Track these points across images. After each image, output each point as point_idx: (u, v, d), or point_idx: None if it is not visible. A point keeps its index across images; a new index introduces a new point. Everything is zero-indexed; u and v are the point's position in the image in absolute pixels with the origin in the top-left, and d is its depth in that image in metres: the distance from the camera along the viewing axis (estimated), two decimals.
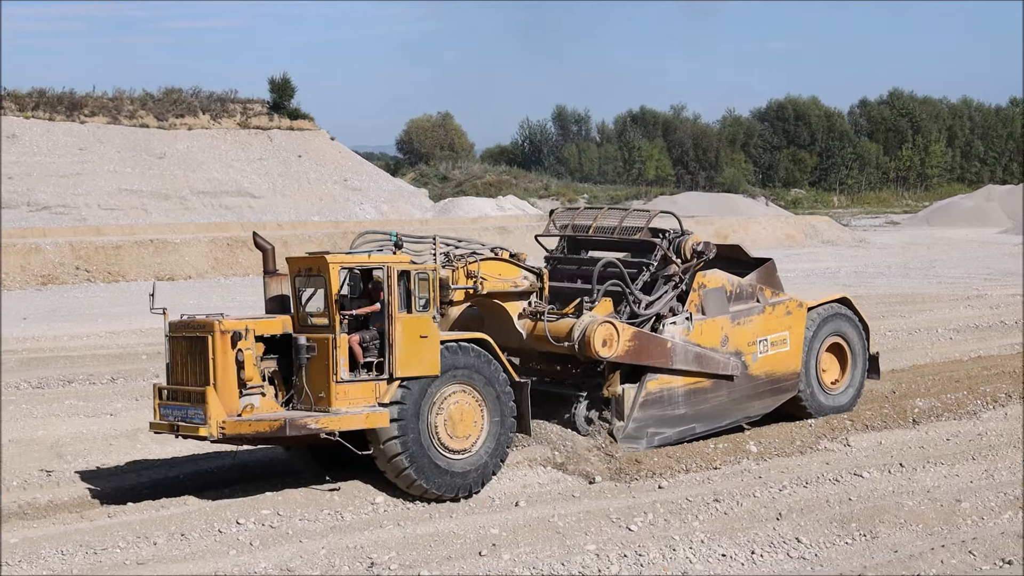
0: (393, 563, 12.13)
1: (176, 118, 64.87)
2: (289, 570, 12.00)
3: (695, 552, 12.45)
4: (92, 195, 57.57)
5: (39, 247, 44.07)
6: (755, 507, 13.85)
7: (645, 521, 13.44)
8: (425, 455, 13.78)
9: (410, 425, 13.68)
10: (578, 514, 13.64)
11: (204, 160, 63.12)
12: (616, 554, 12.32)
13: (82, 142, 60.38)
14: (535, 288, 15.70)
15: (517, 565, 12.06)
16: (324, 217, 61.71)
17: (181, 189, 60.82)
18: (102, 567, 12.05)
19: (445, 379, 13.96)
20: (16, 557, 12.09)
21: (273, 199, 63.22)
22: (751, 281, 17.20)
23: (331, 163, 67.93)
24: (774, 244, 60.49)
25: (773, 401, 17.24)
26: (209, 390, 13.21)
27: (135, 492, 14.71)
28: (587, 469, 15.22)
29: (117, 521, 13.11)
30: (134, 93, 66.04)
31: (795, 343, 17.32)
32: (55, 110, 61.45)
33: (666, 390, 16.15)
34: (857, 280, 41.34)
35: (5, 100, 60.79)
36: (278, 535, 13.01)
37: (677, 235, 16.45)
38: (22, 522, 13.27)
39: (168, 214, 58.66)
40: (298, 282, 14.07)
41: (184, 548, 12.58)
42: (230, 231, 51.81)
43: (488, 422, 14.30)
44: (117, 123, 62.87)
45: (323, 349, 13.56)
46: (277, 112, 68.63)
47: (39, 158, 58.07)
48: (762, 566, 12.27)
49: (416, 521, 13.54)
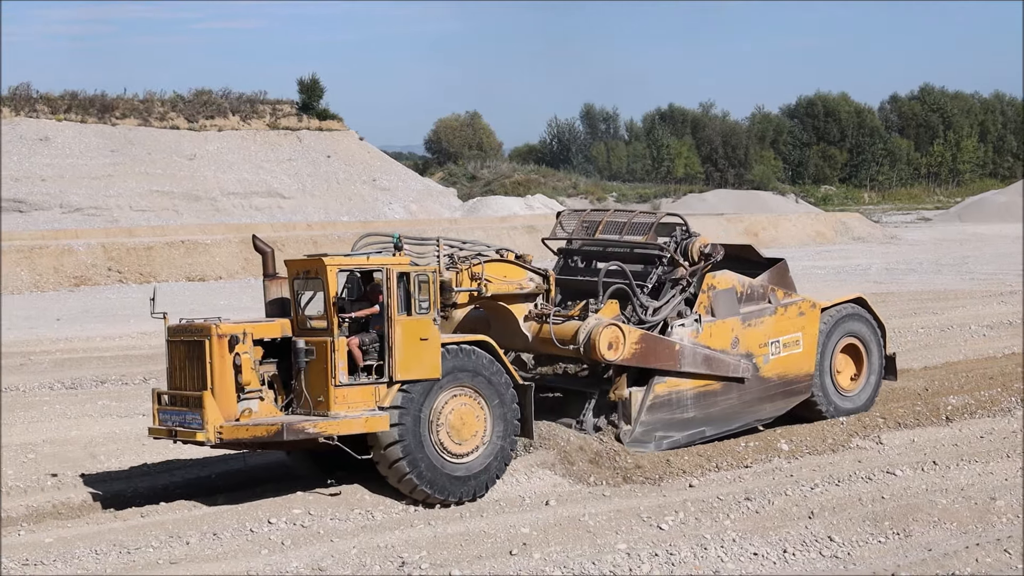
0: (424, 562, 12.15)
1: (206, 120, 65.22)
2: (320, 569, 12.04)
3: (726, 551, 12.40)
4: (124, 197, 57.96)
5: (72, 248, 44.42)
6: (787, 505, 13.78)
7: (676, 520, 13.40)
8: (426, 459, 13.60)
9: (411, 429, 13.50)
10: (609, 513, 13.62)
11: (234, 161, 63.43)
12: (647, 553, 12.29)
13: (114, 144, 60.81)
14: (541, 290, 15.54)
15: (548, 564, 12.05)
16: (353, 217, 61.89)
17: (211, 190, 61.15)
18: (135, 566, 12.13)
19: (447, 382, 13.78)
20: (51, 556, 12.19)
21: (302, 199, 63.45)
22: (762, 282, 16.91)
23: (360, 163, 68.12)
24: (804, 241, 60.21)
25: (786, 403, 16.96)
26: (206, 395, 13.05)
27: (168, 492, 14.81)
28: (594, 474, 14.96)
29: (150, 521, 13.20)
30: (165, 95, 66.48)
31: (808, 344, 17.02)
32: (87, 112, 61.90)
33: (674, 393, 15.92)
34: (889, 277, 41.08)
35: (38, 103, 61.27)
36: (309, 534, 13.05)
37: (684, 237, 16.26)
38: (56, 521, 13.38)
39: (199, 215, 58.99)
40: (296, 285, 13.90)
41: (216, 547, 12.65)
42: (260, 232, 52.01)
43: (491, 425, 14.10)
44: (148, 125, 63.28)
45: (321, 352, 13.41)
46: (306, 113, 68.86)
47: (71, 160, 58.53)
48: (794, 565, 12.21)
49: (446, 520, 13.55)
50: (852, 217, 67.97)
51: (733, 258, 17.28)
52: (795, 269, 46.14)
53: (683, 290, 16.18)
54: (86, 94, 63.49)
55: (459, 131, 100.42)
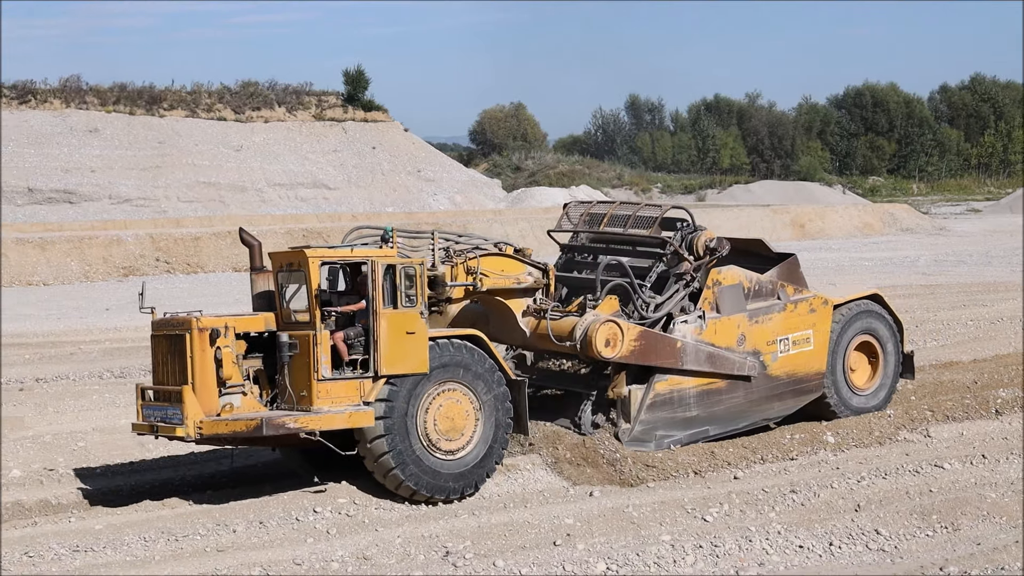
0: (468, 552, 12.18)
1: (253, 111, 65.68)
2: (365, 558, 12.10)
3: (772, 543, 12.34)
4: (171, 187, 58.52)
5: (120, 239, 44.91)
6: (833, 498, 13.69)
7: (721, 512, 13.34)
8: (413, 455, 13.31)
9: (397, 424, 13.21)
10: (653, 504, 13.58)
11: (280, 152, 63.83)
12: (691, 545, 12.25)
13: (161, 135, 61.39)
14: (540, 285, 15.20)
15: (591, 555, 12.04)
16: (398, 208, 62.11)
17: (257, 181, 61.59)
18: (183, 553, 12.26)
19: (435, 377, 13.46)
20: (101, 543, 12.36)
21: (348, 190, 63.75)
22: (771, 277, 16.39)
23: (405, 154, 68.31)
24: (851, 232, 59.69)
25: (796, 402, 16.45)
26: (186, 389, 12.82)
27: (215, 480, 14.94)
28: (585, 474, 14.64)
29: (197, 508, 13.33)
30: (212, 87, 67.01)
31: (820, 342, 16.52)
32: (135, 104, 62.54)
33: (676, 391, 15.47)
34: (937, 269, 40.63)
35: (88, 95, 61.95)
36: (354, 524, 13.13)
37: (689, 231, 15.78)
38: (106, 508, 13.54)
39: (245, 206, 59.44)
40: (280, 278, 13.61)
41: (263, 535, 12.76)
42: (306, 222, 52.34)
43: (482, 422, 13.78)
44: (195, 116, 63.82)
45: (304, 346, 13.14)
46: (351, 104, 69.14)
47: (120, 152, 59.16)
48: (840, 558, 12.12)
49: (491, 510, 13.57)
50: (900, 208, 67.28)
51: (743, 253, 16.85)
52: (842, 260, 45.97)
53: (687, 285, 15.73)
54: (134, 86, 64.22)
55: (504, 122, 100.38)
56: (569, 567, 11.77)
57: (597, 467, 14.74)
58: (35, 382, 21.63)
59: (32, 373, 22.44)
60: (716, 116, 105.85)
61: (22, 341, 26.40)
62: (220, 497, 13.72)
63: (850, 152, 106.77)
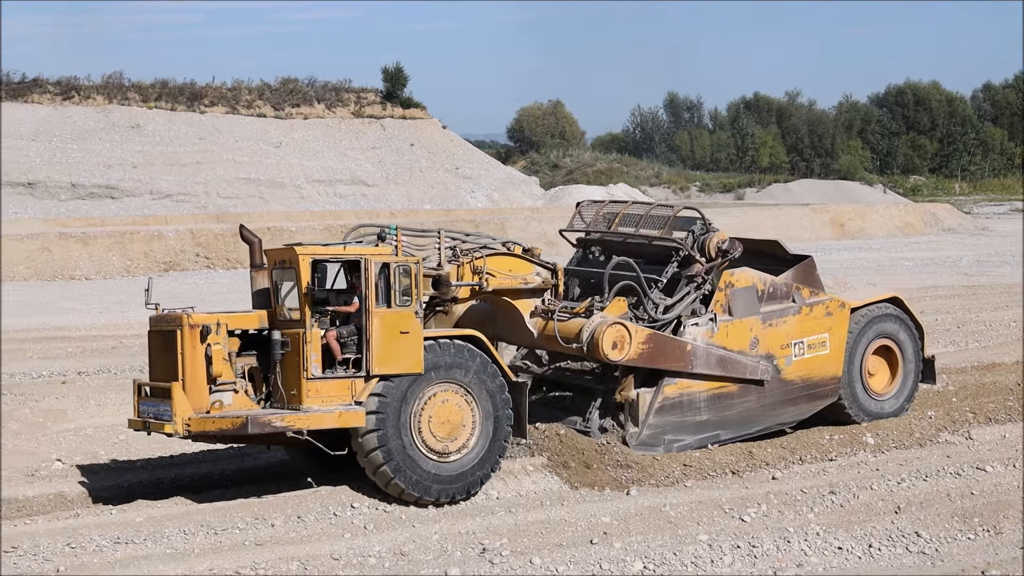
0: (504, 549, 12.19)
1: (292, 108, 65.99)
2: (402, 554, 12.14)
3: (810, 544, 12.27)
4: (212, 183, 58.91)
5: (161, 234, 45.27)
6: (872, 500, 13.58)
7: (759, 512, 13.28)
8: (407, 457, 13.14)
9: (390, 425, 13.04)
10: (690, 504, 13.54)
11: (319, 149, 64.11)
12: (729, 545, 12.21)
13: (202, 132, 61.81)
14: (548, 285, 15.01)
15: (628, 554, 12.02)
16: (436, 205, 62.22)
17: (296, 177, 61.88)
18: (222, 546, 12.35)
19: (430, 377, 13.26)
20: (141, 535, 12.47)
21: (386, 187, 63.93)
22: (786, 280, 16.15)
23: (443, 151, 68.41)
24: (892, 232, 59.18)
25: (810, 407, 16.23)
26: (175, 386, 12.78)
27: (253, 475, 15.04)
28: (591, 478, 14.40)
29: (237, 503, 13.40)
30: (252, 84, 67.37)
31: (836, 346, 16.26)
32: (176, 100, 62.98)
33: (686, 395, 15.30)
34: (979, 269, 40.22)
35: (130, 91, 62.48)
36: (392, 519, 13.17)
37: (702, 232, 15.56)
38: (146, 502, 13.66)
39: (284, 202, 59.75)
40: (275, 275, 13.54)
41: (301, 530, 12.83)
42: (344, 219, 52.53)
43: (480, 424, 13.56)
44: (235, 113, 64.20)
45: (295, 344, 13.06)
46: (390, 101, 69.30)
47: (161, 147, 59.62)
48: (880, 560, 12.04)
49: (527, 508, 13.58)
50: (942, 208, 66.61)
51: (758, 254, 16.64)
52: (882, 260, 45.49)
53: (698, 287, 15.53)
54: (176, 82, 64.62)
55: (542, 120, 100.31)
56: (606, 566, 11.76)
57: (602, 471, 14.52)
58: (77, 375, 21.85)
59: (74, 366, 22.68)
60: (755, 114, 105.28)
61: (65, 335, 26.69)
62: (259, 491, 13.80)
63: (891, 151, 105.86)
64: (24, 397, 19.69)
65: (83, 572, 11.61)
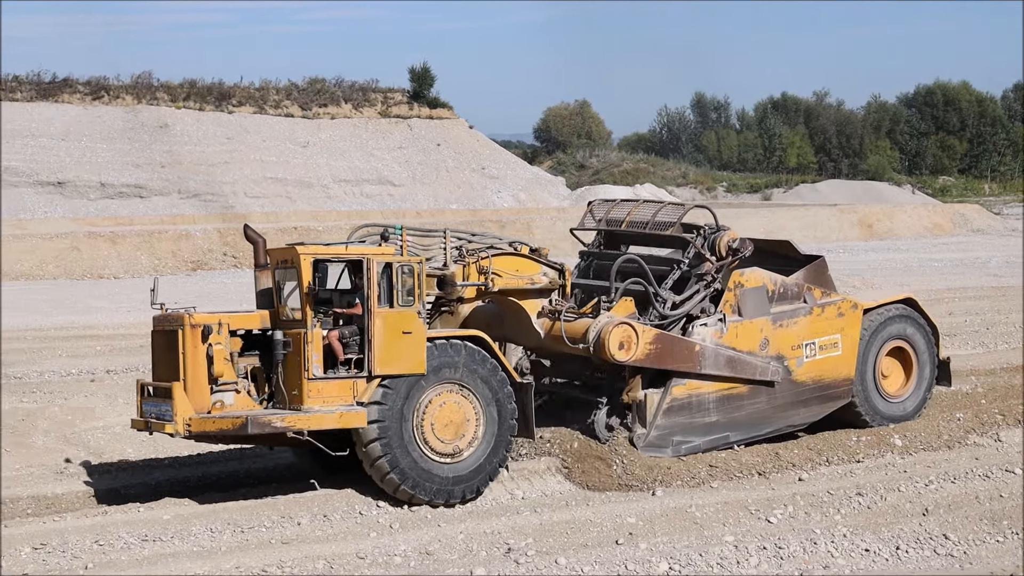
0: (530, 549, 12.19)
1: (320, 108, 66.18)
2: (428, 553, 12.15)
3: (837, 546, 12.20)
4: (239, 183, 59.16)
5: (189, 233, 45.53)
6: (900, 502, 13.50)
7: (785, 514, 13.22)
8: (410, 458, 13.04)
9: (393, 426, 12.96)
10: (716, 505, 13.50)
11: (346, 149, 64.28)
12: (755, 546, 12.16)
13: (230, 131, 62.08)
14: (556, 285, 14.82)
15: (654, 555, 11.99)
16: (462, 205, 62.28)
17: (323, 177, 62.06)
18: (248, 544, 12.40)
19: (433, 378, 13.18)
20: (168, 533, 12.54)
21: (412, 187, 64.03)
22: (797, 280, 15.98)
23: (469, 151, 68.46)
24: (920, 233, 58.80)
25: (822, 409, 16.07)
26: (176, 386, 12.75)
27: (278, 473, 15.10)
28: (597, 479, 14.32)
29: (263, 501, 13.46)
30: (280, 83, 67.62)
31: (848, 347, 16.09)
32: (205, 100, 63.28)
33: (695, 396, 15.14)
34: (1009, 270, 39.89)
35: (159, 91, 62.84)
36: (417, 519, 13.19)
37: (712, 231, 15.40)
38: (174, 500, 13.74)
39: (311, 202, 59.94)
40: (278, 275, 13.48)
41: (327, 529, 12.87)
42: (371, 219, 52.61)
43: (484, 424, 13.47)
44: (263, 113, 64.44)
45: (297, 344, 12.99)
46: (417, 101, 69.40)
47: (189, 147, 59.91)
48: (907, 563, 11.96)
49: (553, 508, 13.57)
50: (971, 209, 66.12)
51: (770, 254, 16.50)
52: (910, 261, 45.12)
53: (707, 287, 15.34)
54: (204, 82, 64.91)
55: (568, 120, 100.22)
56: (631, 566, 11.74)
57: (607, 472, 14.39)
58: (106, 373, 22.00)
59: (103, 365, 22.83)
60: (783, 114, 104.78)
61: (93, 333, 26.87)
62: (285, 490, 13.85)
63: (920, 151, 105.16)
64: (53, 395, 19.85)
65: (111, 570, 11.68)
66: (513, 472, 14.23)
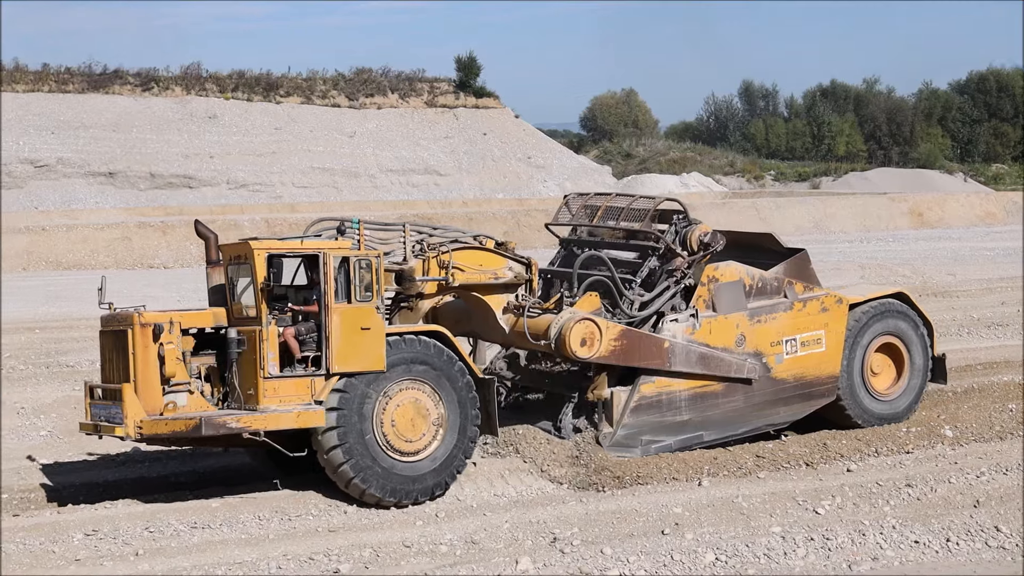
0: (575, 539, 12.18)
1: (366, 98, 66.42)
2: (474, 542, 12.19)
3: (886, 538, 12.09)
4: (287, 173, 59.53)
5: (237, 223, 45.86)
6: (950, 493, 13.35)
7: (833, 504, 13.12)
8: (370, 457, 12.73)
9: (351, 424, 12.63)
10: (763, 495, 13.42)
11: (392, 139, 64.47)
12: (803, 537, 12.08)
13: (278, 122, 62.47)
14: (522, 280, 14.38)
15: (700, 545, 11.94)
16: (508, 195, 62.29)
17: (370, 167, 62.29)
18: (296, 532, 12.50)
19: (393, 375, 12.85)
20: (217, 520, 12.66)
21: (459, 177, 64.12)
22: (777, 274, 15.45)
23: (516, 141, 68.43)
24: (972, 221, 58.06)
25: (804, 407, 15.60)
26: (126, 387, 12.40)
27: None
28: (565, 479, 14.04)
29: (309, 491, 13.54)
30: (327, 74, 67.91)
31: (833, 343, 15.59)
32: (253, 91, 63.72)
33: (665, 394, 14.67)
34: None
35: (208, 82, 63.33)
36: (463, 508, 13.23)
37: (684, 225, 15.03)
38: (223, 488, 13.86)
39: (358, 192, 60.21)
40: (231, 271, 13.11)
41: (373, 518, 12.93)
42: (417, 208, 52.81)
43: (446, 422, 13.19)
44: (310, 103, 64.78)
45: (252, 343, 12.66)
46: (463, 91, 69.45)
47: (238, 137, 60.36)
48: (958, 555, 11.83)
49: (598, 498, 13.56)
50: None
51: (751, 248, 16.09)
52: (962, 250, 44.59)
53: (678, 282, 14.95)
54: (252, 73, 65.34)
55: (615, 109, 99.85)
56: (677, 556, 11.69)
57: (574, 470, 14.16)
58: None
59: None
60: (832, 102, 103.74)
61: None
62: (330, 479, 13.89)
63: (972, 139, 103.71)
64: None
65: (161, 556, 11.82)
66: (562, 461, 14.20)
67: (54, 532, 12.29)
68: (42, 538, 12.15)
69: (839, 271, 32.03)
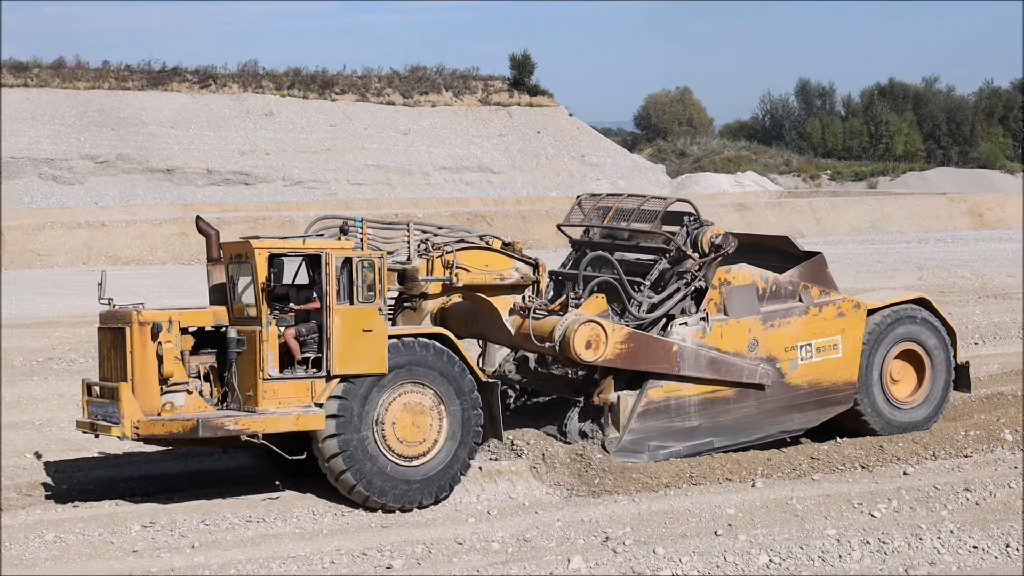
0: (628, 538, 12.15)
1: (420, 95, 66.67)
2: (526, 540, 12.19)
3: (943, 542, 11.93)
4: (341, 170, 59.92)
5: (293, 220, 46.20)
6: (1010, 498, 13.16)
7: (889, 508, 12.98)
8: (371, 461, 12.54)
9: (352, 427, 12.45)
10: (817, 497, 13.31)
11: (446, 136, 64.66)
12: (858, 540, 11.95)
13: (333, 119, 62.89)
14: (529, 281, 14.14)
15: (754, 547, 11.86)
16: (561, 193, 62.24)
17: (424, 165, 62.54)
18: (349, 528, 12.59)
19: (395, 377, 12.65)
20: (272, 515, 12.78)
21: (512, 175, 64.18)
22: (792, 278, 15.09)
23: (569, 139, 68.36)
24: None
25: (819, 414, 15.22)
26: (123, 387, 12.22)
27: None
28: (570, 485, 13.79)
29: None
30: (382, 71, 68.28)
31: (850, 349, 15.21)
32: (309, 88, 64.20)
33: (673, 399, 14.36)
34: None
35: (264, 79, 63.90)
36: (515, 506, 13.24)
37: (695, 226, 14.70)
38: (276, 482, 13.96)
39: (411, 189, 60.47)
40: (231, 270, 12.93)
41: (425, 515, 12.99)
42: (470, 206, 52.92)
43: (448, 426, 12.95)
44: (365, 100, 65.15)
45: (252, 343, 12.47)
46: (517, 89, 69.50)
47: (293, 135, 60.85)
48: (1018, 561, 11.64)
49: (651, 498, 13.51)
50: None
51: (766, 250, 15.77)
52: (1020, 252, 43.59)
53: (688, 284, 14.64)
54: (308, 70, 65.84)
55: (669, 107, 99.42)
56: (730, 557, 11.62)
57: (580, 476, 13.91)
58: None
59: None
60: (890, 101, 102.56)
61: None
62: None
63: None
64: None
65: (216, 549, 11.94)
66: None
67: (112, 523, 12.46)
68: (101, 529, 12.33)
69: (896, 272, 31.68)
